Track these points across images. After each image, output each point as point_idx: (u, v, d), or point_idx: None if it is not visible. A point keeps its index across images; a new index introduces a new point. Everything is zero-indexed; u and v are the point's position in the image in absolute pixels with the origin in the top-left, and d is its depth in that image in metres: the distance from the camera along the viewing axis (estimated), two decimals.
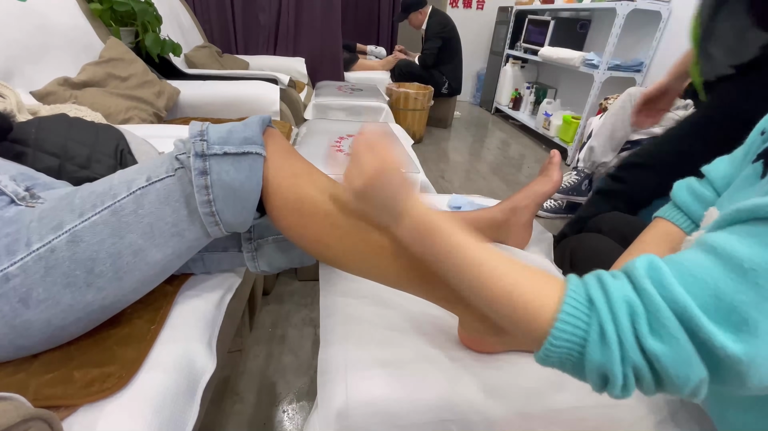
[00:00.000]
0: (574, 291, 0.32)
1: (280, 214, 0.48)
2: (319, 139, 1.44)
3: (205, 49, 2.07)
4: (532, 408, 0.46)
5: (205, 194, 0.44)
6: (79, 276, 0.42)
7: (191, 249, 0.50)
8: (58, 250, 0.41)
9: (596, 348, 0.29)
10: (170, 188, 0.45)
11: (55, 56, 1.09)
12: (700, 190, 0.52)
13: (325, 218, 0.47)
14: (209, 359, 0.53)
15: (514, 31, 3.56)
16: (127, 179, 0.45)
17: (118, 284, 0.44)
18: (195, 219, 0.46)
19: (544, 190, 0.74)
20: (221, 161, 0.44)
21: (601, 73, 2.36)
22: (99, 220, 0.42)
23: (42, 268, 0.41)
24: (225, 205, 0.45)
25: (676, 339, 0.27)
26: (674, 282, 0.28)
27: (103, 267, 0.43)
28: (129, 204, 0.43)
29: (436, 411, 0.45)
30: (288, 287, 1.25)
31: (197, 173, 0.44)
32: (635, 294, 0.29)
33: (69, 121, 0.71)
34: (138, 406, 0.42)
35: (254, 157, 0.45)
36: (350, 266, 0.50)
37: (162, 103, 1.27)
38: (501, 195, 2.00)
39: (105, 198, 0.44)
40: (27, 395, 0.37)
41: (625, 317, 0.29)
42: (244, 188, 0.45)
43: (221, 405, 0.86)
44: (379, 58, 3.17)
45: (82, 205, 0.43)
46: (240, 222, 0.48)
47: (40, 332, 0.43)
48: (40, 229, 0.41)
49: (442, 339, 0.53)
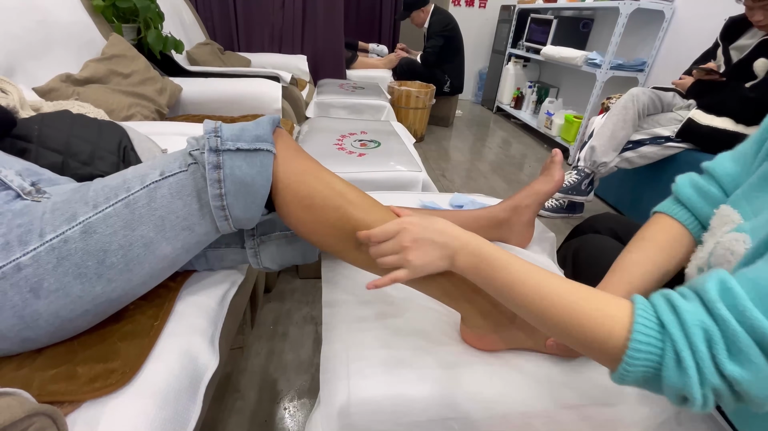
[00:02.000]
0: (644, 316, 0.31)
1: (290, 210, 0.49)
2: (321, 136, 1.44)
3: (207, 46, 2.06)
4: (534, 406, 0.46)
5: (217, 188, 0.46)
6: (91, 267, 0.43)
7: (199, 245, 0.51)
8: (71, 241, 0.42)
9: (673, 373, 0.29)
10: (183, 182, 0.46)
11: (58, 52, 1.09)
12: (706, 187, 0.50)
13: (335, 212, 0.49)
14: (212, 356, 0.54)
15: (516, 30, 3.55)
16: (140, 174, 0.47)
17: (128, 276, 0.46)
18: (205, 213, 0.48)
19: (546, 189, 0.74)
20: (234, 156, 0.46)
21: (604, 73, 2.36)
22: (112, 212, 0.44)
23: (54, 258, 0.41)
24: (236, 200, 0.47)
25: (755, 365, 0.27)
26: (750, 306, 0.28)
27: (114, 259, 0.44)
28: (142, 197, 0.45)
29: (437, 409, 0.45)
30: (289, 285, 1.25)
31: (211, 167, 0.45)
32: (710, 319, 0.29)
33: (72, 117, 0.72)
34: (141, 402, 0.42)
35: (265, 153, 0.47)
36: (359, 261, 0.52)
37: (164, 100, 1.27)
38: (502, 194, 2.00)
39: (119, 191, 0.45)
40: (31, 390, 0.37)
41: (702, 343, 0.28)
42: (255, 183, 0.47)
43: (223, 402, 0.86)
44: (380, 56, 3.16)
45: (96, 197, 0.44)
46: (249, 217, 0.49)
47: (47, 323, 0.43)
48: (53, 220, 0.42)
49: (444, 337, 0.53)
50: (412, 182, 1.18)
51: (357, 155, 1.27)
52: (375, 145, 1.38)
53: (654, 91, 1.61)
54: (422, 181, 1.18)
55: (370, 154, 1.29)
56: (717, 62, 1.56)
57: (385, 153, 1.31)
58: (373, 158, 1.26)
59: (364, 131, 1.53)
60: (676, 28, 2.26)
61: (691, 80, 1.54)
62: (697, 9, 2.14)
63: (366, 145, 1.37)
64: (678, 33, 2.24)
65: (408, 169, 1.20)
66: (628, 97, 1.60)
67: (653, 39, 2.34)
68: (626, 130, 1.60)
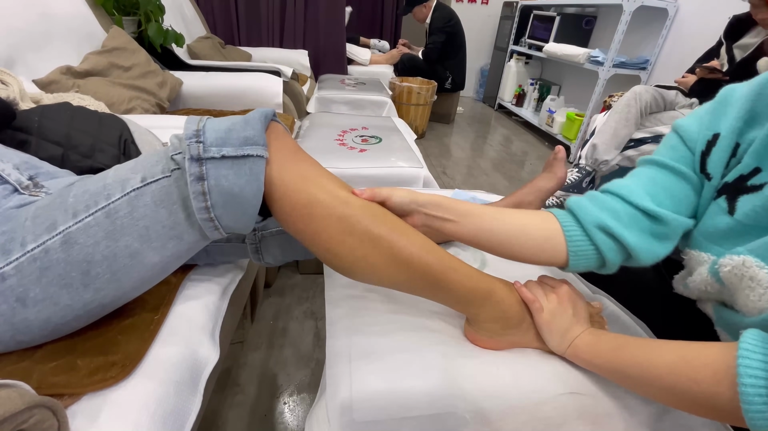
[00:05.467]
0: (749, 366, 0.31)
1: (288, 219, 0.45)
2: (321, 132, 1.43)
3: (207, 40, 2.05)
4: (544, 392, 0.46)
5: (202, 201, 0.41)
6: (76, 278, 0.41)
7: (191, 251, 0.47)
8: (53, 251, 0.39)
9: None
10: (166, 190, 0.42)
11: (58, 45, 1.08)
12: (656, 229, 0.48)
13: (338, 224, 0.44)
14: (212, 350, 0.54)
15: (518, 27, 3.54)
16: (121, 178, 0.42)
17: (117, 285, 0.43)
18: (194, 222, 0.43)
19: (549, 186, 0.74)
20: (219, 165, 0.40)
21: (606, 70, 2.35)
22: (92, 222, 0.40)
23: (37, 269, 0.39)
24: (224, 211, 0.42)
25: None
26: None
27: (99, 269, 0.41)
28: (123, 206, 0.41)
29: (446, 401, 0.45)
30: (290, 280, 1.25)
31: (193, 179, 0.40)
32: None
33: (72, 109, 0.71)
34: (141, 396, 0.42)
35: (255, 159, 0.41)
36: (359, 275, 0.47)
37: (165, 93, 1.26)
38: (503, 191, 2.00)
39: (98, 198, 0.41)
40: (31, 383, 0.37)
41: None
42: (245, 194, 0.42)
43: (223, 396, 0.86)
44: (382, 52, 3.15)
45: (76, 204, 0.41)
46: (241, 227, 0.45)
47: (40, 329, 0.42)
48: (34, 229, 0.40)
49: (448, 332, 0.53)
50: (413, 178, 1.18)
51: (358, 151, 1.27)
52: (376, 141, 1.37)
53: (656, 89, 1.61)
54: (423, 177, 1.18)
55: (371, 149, 1.29)
56: (720, 61, 1.56)
57: (386, 149, 1.31)
58: (374, 154, 1.26)
59: (366, 127, 1.53)
60: (679, 26, 2.25)
61: (694, 79, 1.53)
62: (700, 7, 2.13)
63: (367, 141, 1.37)
64: (681, 31, 2.23)
65: (409, 165, 1.20)
66: (631, 95, 1.59)
67: (656, 37, 2.33)
68: (628, 128, 1.60)
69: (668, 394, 0.37)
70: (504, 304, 0.48)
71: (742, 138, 0.44)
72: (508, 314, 0.49)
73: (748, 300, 0.40)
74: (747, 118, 0.43)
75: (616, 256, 0.48)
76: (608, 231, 0.46)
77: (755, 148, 0.42)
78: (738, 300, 0.42)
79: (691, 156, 0.48)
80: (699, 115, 0.49)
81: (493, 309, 0.48)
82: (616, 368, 0.42)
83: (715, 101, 0.48)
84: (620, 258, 0.48)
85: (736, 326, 0.43)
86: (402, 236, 0.45)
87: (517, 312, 0.49)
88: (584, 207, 0.49)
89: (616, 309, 0.60)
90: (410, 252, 0.44)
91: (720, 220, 0.43)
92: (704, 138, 0.46)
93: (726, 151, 0.44)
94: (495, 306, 0.48)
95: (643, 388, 0.40)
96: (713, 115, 0.47)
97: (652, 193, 0.47)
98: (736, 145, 0.44)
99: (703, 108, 0.49)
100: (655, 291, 0.63)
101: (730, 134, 0.44)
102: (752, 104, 0.43)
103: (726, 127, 0.44)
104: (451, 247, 0.72)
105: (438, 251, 0.46)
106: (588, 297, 0.63)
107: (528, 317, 0.49)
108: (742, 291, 0.40)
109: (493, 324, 0.49)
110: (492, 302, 0.48)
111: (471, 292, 0.47)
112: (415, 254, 0.44)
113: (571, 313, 0.48)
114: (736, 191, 0.42)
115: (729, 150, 0.44)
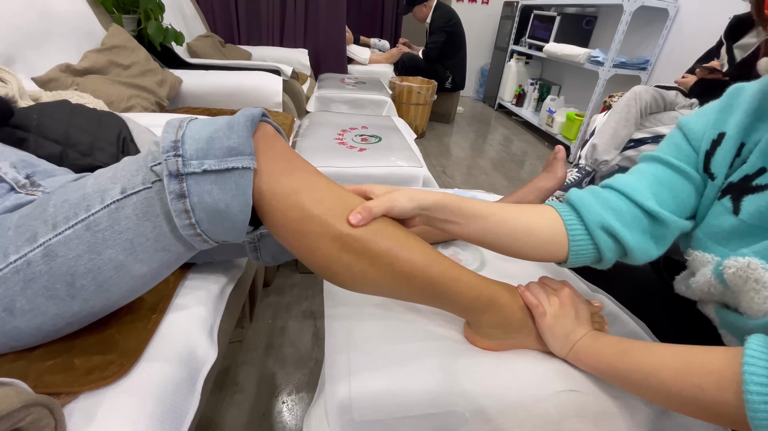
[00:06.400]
0: (754, 374, 0.31)
1: (280, 233, 0.42)
2: (321, 131, 1.43)
3: (207, 39, 2.05)
4: (544, 389, 0.46)
5: (186, 218, 0.38)
6: (60, 290, 0.39)
7: (180, 260, 0.45)
8: (35, 264, 0.38)
9: None
10: (148, 202, 0.39)
11: (57, 42, 1.08)
12: (657, 230, 0.48)
13: (333, 242, 0.41)
14: (210, 349, 0.53)
15: (519, 27, 3.54)
16: (100, 188, 0.40)
17: (105, 295, 0.41)
18: (180, 235, 0.40)
19: (549, 185, 0.74)
20: (201, 180, 0.37)
21: (606, 71, 2.35)
22: (73, 235, 0.38)
23: (21, 281, 0.38)
24: (211, 226, 0.39)
25: None
26: None
27: (84, 281, 0.39)
28: (104, 219, 0.38)
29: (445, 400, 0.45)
30: (289, 279, 1.25)
31: (173, 197, 0.37)
32: None
33: (71, 107, 0.71)
34: (139, 394, 0.42)
35: (241, 172, 0.38)
36: (358, 289, 0.45)
37: (164, 92, 1.26)
38: (502, 190, 2.00)
39: (78, 209, 0.39)
40: (28, 381, 0.37)
41: None
42: (231, 209, 0.38)
43: (221, 395, 0.86)
44: (382, 51, 3.15)
45: (55, 215, 0.39)
46: (232, 237, 0.42)
47: (31, 336, 0.42)
48: (16, 239, 0.39)
49: (447, 332, 0.53)
50: (413, 178, 1.18)
51: (357, 150, 1.27)
52: (376, 140, 1.37)
53: (657, 89, 1.61)
54: (423, 176, 1.18)
55: (371, 149, 1.29)
56: (720, 61, 1.56)
57: (386, 148, 1.31)
58: (374, 153, 1.26)
59: (365, 126, 1.52)
60: (679, 26, 2.25)
61: (694, 79, 1.54)
62: (700, 7, 2.13)
63: (367, 140, 1.36)
64: (682, 31, 2.23)
65: (409, 164, 1.20)
66: (631, 95, 1.59)
67: (657, 37, 2.33)
68: (628, 128, 1.60)
69: (672, 400, 0.37)
70: (506, 310, 0.48)
71: (748, 137, 0.44)
72: (510, 320, 0.48)
73: (753, 303, 0.39)
74: (754, 117, 0.43)
75: (614, 255, 0.48)
76: (611, 232, 0.47)
77: (761, 148, 0.42)
78: (742, 302, 0.42)
79: (695, 155, 0.48)
80: (706, 113, 0.48)
81: (495, 316, 0.48)
82: (619, 373, 0.42)
83: (724, 99, 0.47)
84: (617, 256, 0.49)
85: (740, 328, 0.43)
86: (403, 249, 0.43)
87: (520, 318, 0.49)
88: (588, 205, 0.49)
89: (616, 309, 0.60)
90: (412, 267, 0.43)
91: (725, 220, 0.43)
92: (709, 137, 0.46)
93: (731, 151, 0.44)
94: (497, 313, 0.48)
95: (647, 393, 0.40)
96: (721, 113, 0.46)
97: (656, 192, 0.47)
98: (741, 145, 0.44)
99: (710, 105, 0.49)
100: (655, 292, 0.63)
101: (736, 133, 0.44)
102: (760, 103, 0.43)
103: (732, 125, 0.44)
104: (451, 246, 0.72)
105: (440, 262, 0.45)
106: (586, 295, 0.63)
107: (530, 322, 0.49)
108: (746, 294, 0.40)
109: (495, 329, 0.49)
110: (495, 309, 0.47)
111: (474, 301, 0.46)
112: (417, 268, 0.43)
113: (573, 316, 0.48)
114: (741, 191, 0.42)
115: (734, 150, 0.44)
